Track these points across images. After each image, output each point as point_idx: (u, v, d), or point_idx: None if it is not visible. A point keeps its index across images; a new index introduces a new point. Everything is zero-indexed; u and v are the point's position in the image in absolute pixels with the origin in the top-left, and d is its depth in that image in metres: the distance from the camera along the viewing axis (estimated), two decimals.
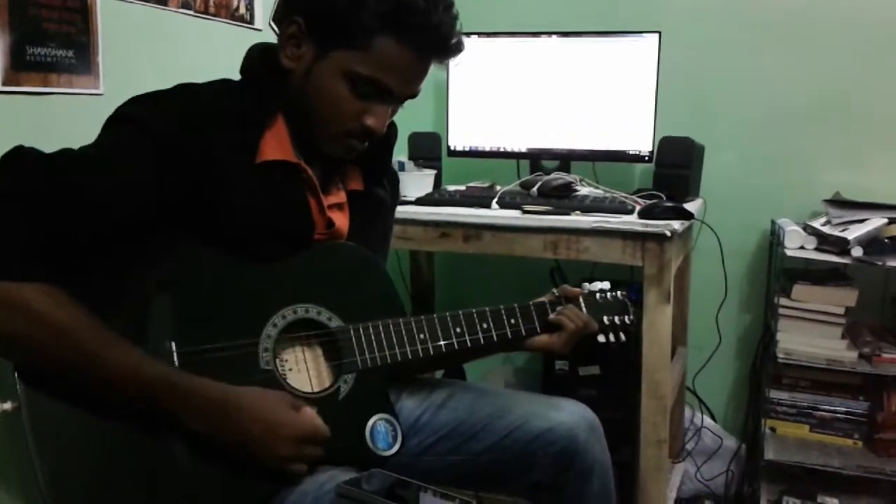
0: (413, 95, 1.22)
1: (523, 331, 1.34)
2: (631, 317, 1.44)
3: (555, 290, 1.42)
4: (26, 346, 1.00)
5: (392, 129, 1.30)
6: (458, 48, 1.20)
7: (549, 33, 2.24)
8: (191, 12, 1.79)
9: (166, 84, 1.19)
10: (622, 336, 1.44)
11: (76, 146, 1.11)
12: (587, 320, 1.38)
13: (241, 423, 1.05)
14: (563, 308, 1.38)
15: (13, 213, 1.00)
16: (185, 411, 1.04)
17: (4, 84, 1.36)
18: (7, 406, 1.03)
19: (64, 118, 1.47)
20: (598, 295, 1.43)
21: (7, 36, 1.35)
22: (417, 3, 1.13)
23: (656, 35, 2.15)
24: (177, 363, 1.07)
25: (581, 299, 1.41)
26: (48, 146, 1.09)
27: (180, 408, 1.03)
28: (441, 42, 1.17)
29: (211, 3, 1.85)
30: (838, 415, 2.15)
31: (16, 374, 1.01)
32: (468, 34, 2.22)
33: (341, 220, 1.28)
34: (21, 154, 1.06)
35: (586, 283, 1.44)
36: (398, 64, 1.15)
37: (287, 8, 1.19)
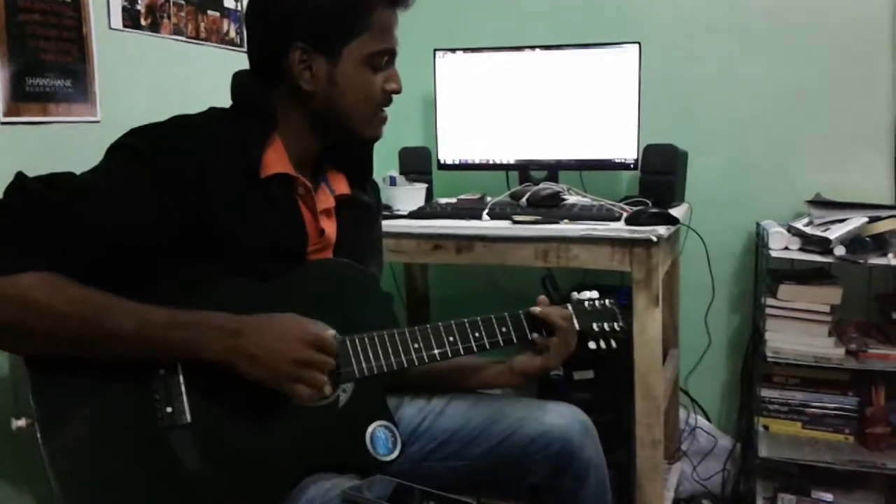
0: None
1: (514, 338, 1.37)
2: (620, 323, 1.46)
3: (534, 309, 1.40)
4: (33, 335, 1.04)
5: None
6: None
7: (533, 47, 2.29)
8: (182, 38, 1.84)
9: (161, 109, 1.24)
10: (612, 343, 1.46)
11: (76, 172, 1.15)
12: (569, 314, 1.39)
13: (253, 339, 1.10)
14: (543, 310, 1.38)
15: (9, 221, 1.05)
16: (200, 344, 1.09)
17: (6, 115, 1.40)
18: (22, 423, 1.05)
19: (63, 146, 1.51)
20: (586, 303, 1.45)
21: (7, 68, 1.39)
22: None
23: (637, 45, 2.20)
24: (181, 381, 1.11)
25: (570, 307, 1.44)
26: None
27: (194, 341, 1.09)
28: None
29: (202, 28, 1.89)
30: (828, 411, 2.19)
31: (28, 390, 1.04)
32: (454, 50, 2.30)
33: (329, 227, 1.33)
34: (22, 178, 1.10)
35: (575, 293, 1.47)
36: (390, 25, 1.27)
37: (279, 42, 1.23)
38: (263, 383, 1.11)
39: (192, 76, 1.86)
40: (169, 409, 1.09)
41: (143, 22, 1.71)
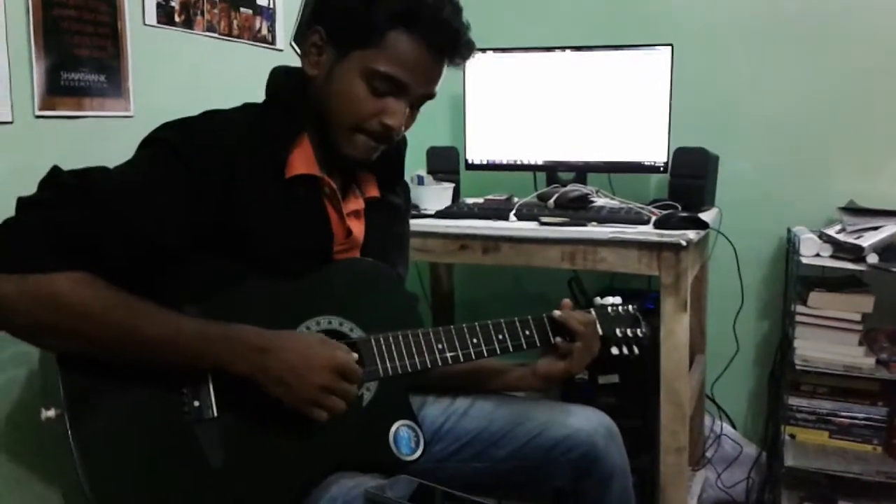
0: (429, 95, 1.27)
1: (537, 341, 1.36)
2: (643, 330, 1.45)
3: (556, 312, 1.38)
4: (65, 335, 1.05)
5: (402, 140, 1.37)
6: (468, 47, 1.25)
7: (563, 48, 2.28)
8: (215, 35, 1.85)
9: (193, 105, 1.25)
10: (635, 349, 1.45)
11: (109, 167, 1.15)
12: (592, 319, 1.39)
13: (281, 358, 1.10)
14: (564, 314, 1.36)
15: (44, 217, 1.05)
16: (227, 358, 1.09)
17: (41, 109, 1.42)
18: (51, 413, 1.07)
19: (97, 140, 1.53)
20: (609, 308, 1.44)
21: (43, 62, 1.41)
22: (429, 4, 1.20)
23: (669, 48, 2.18)
24: (209, 376, 1.12)
25: (593, 312, 1.43)
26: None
27: (223, 355, 1.09)
28: (451, 38, 1.23)
29: (234, 25, 1.91)
30: (857, 421, 2.16)
31: (59, 381, 1.06)
32: (483, 50, 2.30)
33: (357, 228, 1.33)
34: (57, 172, 1.11)
35: (598, 298, 1.46)
36: (411, 58, 1.21)
37: (309, 22, 1.26)
38: (285, 402, 1.11)
39: (225, 73, 1.87)
40: (196, 403, 1.10)
41: (176, 18, 1.73)
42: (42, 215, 1.05)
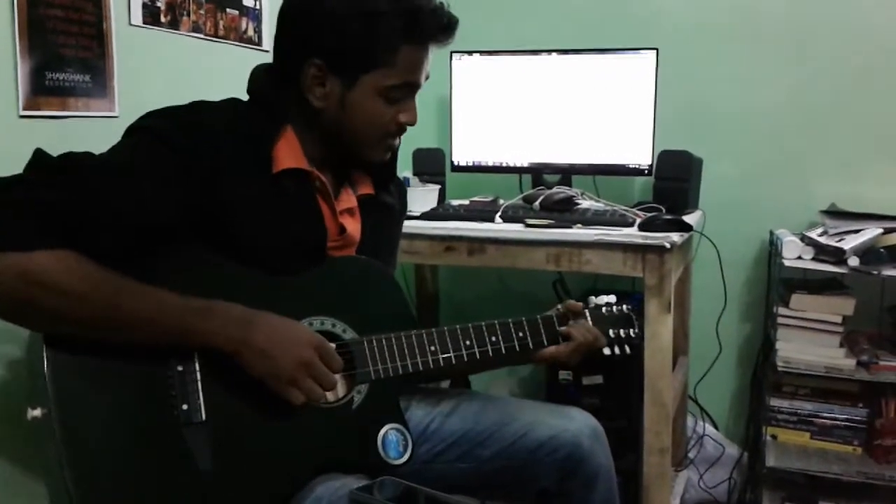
0: (428, 77, 1.31)
1: (531, 343, 1.37)
2: (636, 330, 1.46)
3: (559, 307, 1.44)
4: (49, 313, 1.04)
5: None
6: (456, 27, 1.28)
7: (550, 51, 2.29)
8: (201, 35, 1.84)
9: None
10: (627, 349, 1.46)
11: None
12: (597, 334, 1.41)
13: (264, 331, 1.11)
14: (575, 322, 1.40)
15: (28, 196, 1.04)
16: (211, 331, 1.10)
17: (25, 108, 1.41)
18: (37, 412, 1.06)
19: (81, 140, 1.50)
20: (603, 308, 1.45)
21: (28, 62, 1.40)
22: (424, 7, 1.22)
23: (654, 52, 2.20)
24: (198, 378, 1.11)
25: (587, 312, 1.44)
26: None
27: (207, 329, 1.09)
28: (446, 28, 1.26)
29: (220, 26, 1.90)
30: (838, 422, 2.18)
31: (46, 380, 1.05)
32: (470, 53, 2.30)
33: (353, 226, 1.33)
34: (41, 154, 1.10)
35: (592, 297, 1.47)
36: (418, 61, 1.25)
37: (299, 51, 1.23)
38: (264, 379, 1.11)
39: (210, 74, 1.87)
40: (185, 406, 1.10)
41: (162, 19, 1.72)
42: (26, 194, 1.04)
